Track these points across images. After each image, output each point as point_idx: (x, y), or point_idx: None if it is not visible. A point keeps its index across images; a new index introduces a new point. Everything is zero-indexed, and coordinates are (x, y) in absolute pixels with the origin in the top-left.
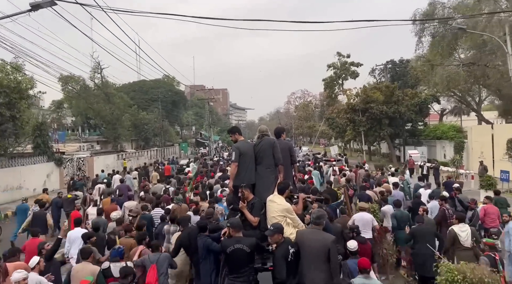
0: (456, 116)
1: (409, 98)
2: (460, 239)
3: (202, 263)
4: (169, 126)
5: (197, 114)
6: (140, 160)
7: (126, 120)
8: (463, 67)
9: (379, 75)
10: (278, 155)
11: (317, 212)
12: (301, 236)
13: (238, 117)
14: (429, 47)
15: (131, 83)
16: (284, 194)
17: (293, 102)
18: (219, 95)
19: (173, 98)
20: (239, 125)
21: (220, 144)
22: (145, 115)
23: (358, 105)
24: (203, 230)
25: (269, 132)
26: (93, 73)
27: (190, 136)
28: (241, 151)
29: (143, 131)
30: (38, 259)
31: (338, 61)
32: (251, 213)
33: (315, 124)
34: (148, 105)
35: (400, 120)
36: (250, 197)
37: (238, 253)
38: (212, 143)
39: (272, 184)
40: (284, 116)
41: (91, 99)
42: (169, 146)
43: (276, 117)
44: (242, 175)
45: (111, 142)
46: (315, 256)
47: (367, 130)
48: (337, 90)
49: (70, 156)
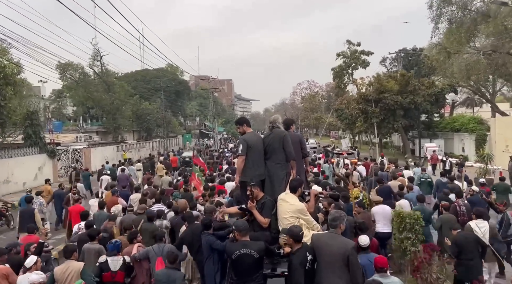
0: (468, 108)
1: (425, 88)
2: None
3: (206, 262)
4: (172, 117)
5: (201, 105)
6: (141, 151)
7: (127, 110)
8: (483, 56)
9: (391, 65)
10: (289, 149)
11: (334, 213)
12: (317, 240)
13: (243, 109)
14: (446, 34)
15: (134, 72)
16: (297, 193)
17: (299, 93)
18: (223, 86)
19: (177, 88)
20: None
21: (225, 135)
22: (148, 105)
23: (371, 95)
24: (207, 227)
25: (281, 123)
26: (92, 60)
27: (194, 128)
28: (248, 143)
29: (145, 121)
30: (35, 258)
31: (348, 49)
32: (261, 213)
33: (322, 115)
34: (151, 95)
35: (415, 111)
36: (260, 195)
37: (245, 258)
38: (216, 134)
39: (283, 180)
40: (290, 107)
41: (90, 88)
42: (172, 137)
43: (281, 108)
44: (250, 170)
45: (111, 133)
46: (333, 262)
47: (380, 122)
48: (347, 80)
49: (65, 147)
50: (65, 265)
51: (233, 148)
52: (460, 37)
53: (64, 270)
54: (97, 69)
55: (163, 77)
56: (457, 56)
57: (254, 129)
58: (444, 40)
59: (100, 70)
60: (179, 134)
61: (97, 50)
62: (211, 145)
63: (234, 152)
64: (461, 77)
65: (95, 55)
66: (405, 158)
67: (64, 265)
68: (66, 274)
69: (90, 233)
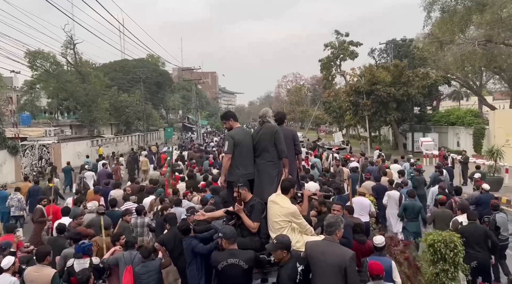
0: (454, 101)
1: (419, 80)
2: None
3: (189, 268)
4: (153, 110)
5: (185, 98)
6: (119, 146)
7: (104, 103)
8: (478, 46)
9: (379, 56)
10: (281, 146)
11: (329, 219)
12: (312, 249)
13: (228, 102)
14: (438, 23)
15: (112, 63)
16: (289, 194)
17: (285, 86)
18: (207, 78)
19: (158, 80)
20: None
21: (209, 129)
22: (127, 97)
23: (363, 86)
24: (186, 232)
25: (271, 118)
26: (65, 49)
27: (176, 121)
28: (235, 140)
29: (124, 114)
30: (13, 259)
31: (336, 40)
32: (250, 216)
33: (308, 109)
34: (130, 87)
35: (408, 104)
36: (249, 197)
37: (232, 269)
38: (199, 127)
39: (274, 180)
40: (275, 100)
41: (63, 78)
42: (153, 130)
43: (266, 101)
44: (237, 169)
45: (87, 126)
46: (329, 274)
47: (371, 114)
48: (334, 72)
49: (32, 142)
50: (35, 270)
51: (219, 142)
52: (453, 26)
53: (32, 279)
54: (70, 58)
55: (143, 68)
56: (451, 47)
57: (239, 123)
58: (437, 29)
59: (74, 59)
60: (160, 128)
61: (70, 37)
62: (195, 138)
63: (220, 146)
64: (456, 68)
65: (67, 43)
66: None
67: (35, 268)
68: (36, 281)
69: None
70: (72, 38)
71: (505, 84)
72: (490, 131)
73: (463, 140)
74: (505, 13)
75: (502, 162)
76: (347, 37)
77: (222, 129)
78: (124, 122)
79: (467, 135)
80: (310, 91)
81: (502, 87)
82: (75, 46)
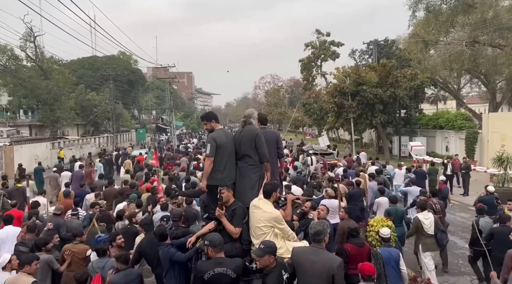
0: (432, 104)
1: (407, 80)
2: (424, 226)
3: (166, 277)
4: (124, 109)
5: (159, 98)
6: (84, 148)
7: (69, 101)
8: (465, 47)
9: (360, 57)
10: (262, 150)
11: (316, 226)
12: (298, 256)
13: (204, 103)
14: (423, 23)
15: (80, 59)
16: (271, 198)
17: (263, 87)
18: (183, 78)
19: (129, 78)
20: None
21: (184, 130)
22: (94, 96)
23: (348, 87)
24: (163, 238)
25: (255, 119)
26: (24, 42)
27: (150, 122)
28: (218, 142)
29: (91, 114)
30: (9, 257)
31: (317, 40)
32: (231, 221)
33: (286, 111)
34: (100, 85)
35: (395, 105)
36: (231, 201)
37: (220, 279)
38: (174, 129)
39: (256, 184)
40: (252, 102)
41: (21, 74)
42: (124, 131)
43: (243, 103)
44: (219, 172)
45: (49, 127)
46: (317, 281)
47: (356, 117)
48: (315, 72)
49: None
50: (15, 280)
51: (198, 143)
52: (439, 26)
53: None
54: (30, 52)
55: (113, 65)
56: (438, 47)
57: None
58: (421, 29)
59: (35, 53)
60: (132, 129)
61: (29, 29)
62: (171, 139)
63: (199, 148)
64: (443, 69)
65: (27, 35)
66: (391, 159)
67: (14, 279)
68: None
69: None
70: (32, 30)
71: (483, 89)
72: (483, 136)
73: (453, 145)
74: (491, 14)
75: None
76: (328, 37)
77: (198, 131)
78: (92, 123)
79: (458, 140)
80: (288, 93)
81: (480, 92)
82: (35, 39)
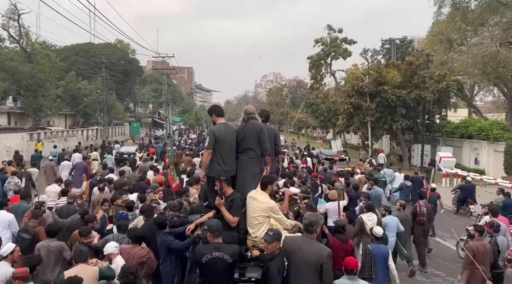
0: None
1: (434, 82)
2: (366, 227)
3: (163, 264)
4: (117, 101)
5: (156, 91)
6: (69, 141)
7: (55, 88)
8: (496, 47)
9: (372, 57)
10: (265, 144)
11: (310, 217)
12: (290, 244)
13: (203, 99)
14: (448, 21)
15: (74, 45)
16: (267, 190)
17: (265, 85)
18: (183, 73)
19: (125, 68)
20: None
21: (181, 126)
22: (86, 84)
23: (368, 86)
24: (162, 227)
25: (257, 115)
26: (7, 20)
27: (145, 116)
28: (216, 136)
29: (82, 104)
30: (13, 246)
31: (328, 36)
32: (230, 211)
33: (289, 111)
34: (93, 73)
35: (418, 110)
36: (229, 191)
37: (216, 263)
38: (170, 124)
39: (256, 177)
40: (253, 100)
41: (1, 55)
42: (117, 124)
43: (243, 101)
44: (217, 165)
45: (30, 116)
46: (305, 270)
47: (375, 120)
48: (324, 71)
49: None
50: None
51: (194, 139)
52: (467, 24)
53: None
54: (13, 32)
55: (109, 53)
56: (469, 46)
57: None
58: (447, 27)
59: (18, 33)
60: (126, 123)
61: (14, 5)
62: (162, 136)
63: (196, 144)
64: (473, 70)
65: (11, 13)
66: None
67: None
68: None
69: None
70: (17, 7)
71: (498, 97)
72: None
73: (484, 157)
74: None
75: None
76: (340, 34)
77: (195, 127)
78: (81, 114)
79: (491, 152)
80: (291, 92)
81: (496, 100)
82: (19, 17)
